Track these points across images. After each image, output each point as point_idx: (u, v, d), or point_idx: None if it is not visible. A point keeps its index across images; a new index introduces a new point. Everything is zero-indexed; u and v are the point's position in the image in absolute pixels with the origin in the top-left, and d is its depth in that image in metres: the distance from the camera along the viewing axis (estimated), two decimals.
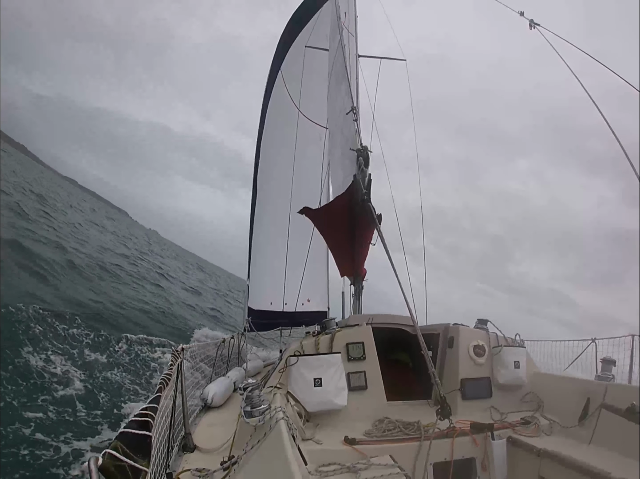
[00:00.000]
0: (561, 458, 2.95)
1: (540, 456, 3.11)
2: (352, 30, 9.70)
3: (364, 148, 4.21)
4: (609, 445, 3.15)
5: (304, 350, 3.91)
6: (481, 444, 3.32)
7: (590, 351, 4.96)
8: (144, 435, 1.68)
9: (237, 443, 2.99)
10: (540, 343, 5.68)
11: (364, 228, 4.56)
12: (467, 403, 4.15)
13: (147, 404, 1.96)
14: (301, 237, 7.65)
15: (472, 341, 4.41)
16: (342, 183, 4.66)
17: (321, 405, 3.59)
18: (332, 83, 5.83)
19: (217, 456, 2.88)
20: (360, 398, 3.81)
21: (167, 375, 2.74)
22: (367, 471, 2.63)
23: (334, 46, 5.94)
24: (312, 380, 3.59)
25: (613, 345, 4.77)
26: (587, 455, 2.95)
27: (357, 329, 4.16)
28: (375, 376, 3.94)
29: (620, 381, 4.29)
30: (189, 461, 3.04)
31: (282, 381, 3.70)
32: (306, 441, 3.14)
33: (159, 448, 2.46)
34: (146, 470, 1.51)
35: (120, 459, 1.41)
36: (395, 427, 3.46)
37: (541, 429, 3.63)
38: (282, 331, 9.07)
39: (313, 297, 9.35)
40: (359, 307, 6.93)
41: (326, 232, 5.29)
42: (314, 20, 9.60)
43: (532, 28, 4.35)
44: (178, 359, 3.33)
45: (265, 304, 9.08)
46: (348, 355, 3.93)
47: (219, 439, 3.28)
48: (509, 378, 4.30)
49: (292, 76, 9.53)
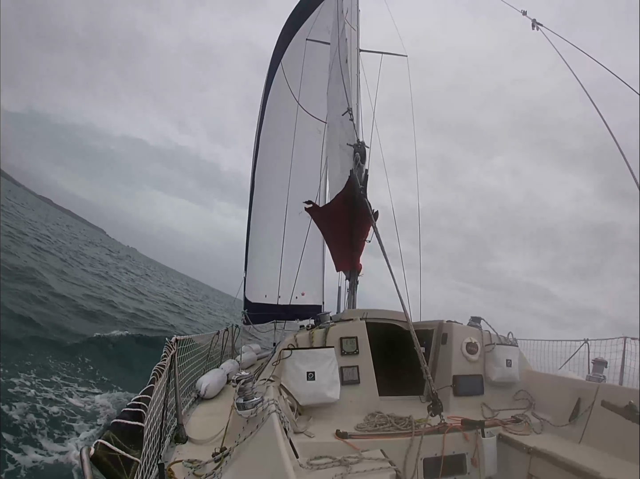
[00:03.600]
0: (551, 456, 2.98)
1: (530, 454, 3.14)
2: (354, 24, 9.64)
3: (360, 144, 4.19)
4: (599, 445, 3.18)
5: (297, 344, 3.92)
6: (472, 440, 3.35)
7: (583, 352, 5.01)
8: (137, 426, 1.68)
9: (230, 434, 3.00)
10: (532, 342, 5.72)
11: (361, 223, 4.56)
12: (459, 399, 4.17)
13: (140, 394, 1.96)
14: (298, 230, 7.65)
15: (465, 339, 4.44)
16: (339, 177, 4.66)
17: (314, 398, 3.61)
18: (333, 78, 5.80)
19: (209, 447, 2.89)
20: (352, 393, 3.83)
21: (161, 366, 2.73)
22: (358, 465, 2.64)
23: (335, 40, 5.90)
24: (305, 373, 3.61)
25: (605, 346, 4.83)
26: (576, 454, 2.98)
27: (351, 324, 4.17)
28: (368, 371, 3.96)
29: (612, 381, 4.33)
30: (181, 452, 3.05)
31: (276, 374, 3.71)
32: (298, 434, 3.15)
33: (152, 439, 2.46)
34: (138, 461, 1.51)
35: (113, 450, 1.40)
36: (387, 422, 3.48)
37: (532, 427, 3.66)
38: (276, 324, 9.10)
39: (308, 291, 9.36)
40: (354, 302, 6.94)
41: (324, 229, 5.28)
42: (316, 14, 9.53)
43: (534, 28, 4.29)
44: (172, 350, 3.33)
45: (260, 297, 9.09)
46: (341, 349, 3.94)
47: (211, 431, 3.29)
48: (501, 375, 4.33)
49: (293, 69, 9.47)
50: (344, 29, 5.47)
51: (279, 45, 9.75)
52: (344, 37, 5.23)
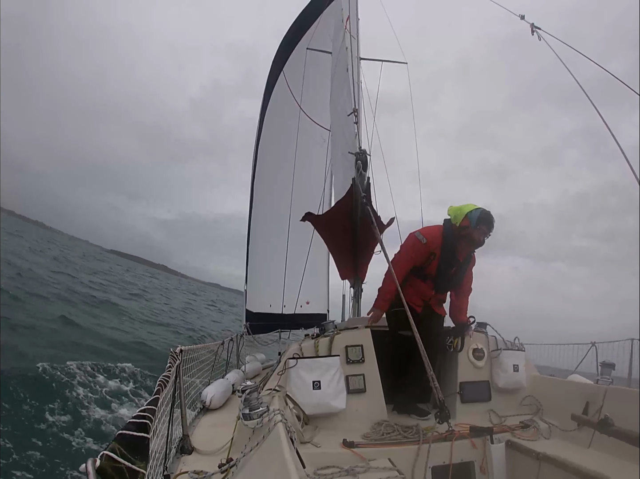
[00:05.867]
0: (560, 461, 2.95)
1: (539, 459, 3.10)
2: (354, 33, 9.70)
3: (362, 152, 4.22)
4: (608, 449, 3.14)
5: (302, 353, 3.90)
6: (480, 447, 3.32)
7: (590, 355, 4.98)
8: (142, 437, 1.67)
9: (235, 445, 2.98)
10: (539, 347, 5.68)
11: (365, 231, 4.56)
12: (466, 406, 4.14)
13: (146, 406, 1.96)
14: (301, 239, 7.65)
15: (472, 345, 4.41)
16: (343, 186, 4.66)
17: (320, 408, 3.58)
18: (335, 86, 5.84)
19: (215, 458, 2.88)
20: (359, 401, 3.80)
21: (166, 377, 2.73)
22: (365, 474, 2.62)
23: (336, 49, 5.95)
24: (311, 382, 3.58)
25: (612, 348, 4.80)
26: (586, 459, 2.95)
27: (356, 332, 4.16)
28: (374, 379, 3.94)
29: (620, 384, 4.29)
30: (186, 463, 3.03)
31: (281, 383, 3.70)
32: (304, 444, 3.13)
33: (157, 450, 2.45)
34: (144, 472, 1.51)
35: (118, 461, 1.40)
36: (394, 430, 3.45)
37: (540, 432, 3.62)
38: (281, 333, 9.06)
39: (313, 299, 9.33)
40: (359, 310, 6.92)
41: (327, 237, 5.29)
42: (317, 23, 9.60)
43: (534, 34, 4.29)
44: (176, 361, 3.33)
45: (264, 307, 9.06)
46: (347, 358, 3.92)
47: (217, 442, 3.27)
48: (508, 381, 4.29)
49: (295, 78, 9.50)
50: (344, 37, 5.51)
51: (279, 54, 9.80)
52: (345, 45, 5.26)
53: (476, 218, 4.07)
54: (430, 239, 4.23)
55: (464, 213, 4.15)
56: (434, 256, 4.24)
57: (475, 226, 4.07)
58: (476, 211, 4.11)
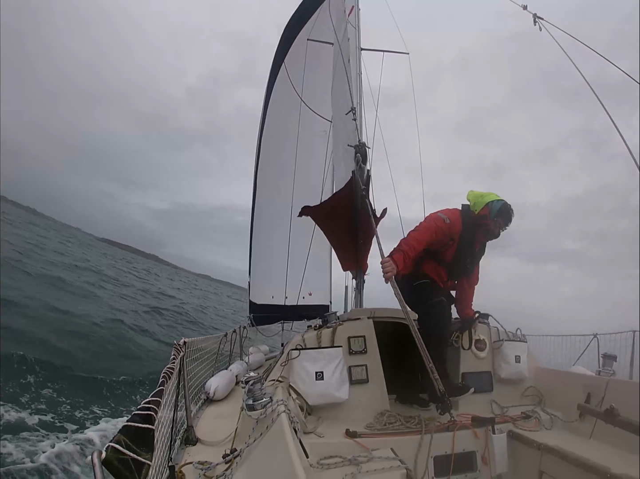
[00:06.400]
0: (562, 452, 2.97)
1: (540, 450, 3.12)
2: (355, 24, 9.61)
3: (361, 145, 4.19)
4: (610, 440, 3.16)
5: (305, 344, 3.92)
6: (482, 437, 3.34)
7: (592, 346, 4.98)
8: (147, 428, 1.69)
9: (239, 436, 3.01)
10: (541, 338, 5.69)
11: (366, 223, 4.55)
12: (468, 397, 4.17)
13: (150, 397, 1.98)
14: (303, 230, 7.64)
15: (473, 336, 4.42)
16: (344, 178, 4.65)
17: (323, 398, 3.60)
18: (336, 78, 5.80)
19: (219, 449, 2.91)
20: (361, 392, 3.82)
21: (170, 369, 2.75)
22: (368, 464, 2.65)
23: (337, 40, 5.90)
24: (313, 373, 3.60)
25: (614, 340, 4.80)
26: (587, 450, 2.96)
27: (359, 323, 4.17)
28: (376, 370, 3.96)
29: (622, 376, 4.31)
30: (191, 454, 3.07)
31: (284, 374, 3.72)
32: (308, 434, 3.15)
33: (162, 441, 2.48)
34: (149, 463, 1.53)
35: (124, 453, 1.41)
36: (396, 420, 3.47)
37: (542, 423, 3.64)
38: (283, 325, 9.11)
39: (315, 290, 9.35)
40: (361, 301, 6.93)
41: (327, 228, 5.28)
42: (317, 14, 9.51)
43: (536, 24, 4.24)
44: (180, 353, 3.36)
45: (267, 298, 9.09)
46: (349, 349, 3.94)
47: (221, 433, 3.30)
48: (510, 372, 4.31)
49: (297, 69, 9.44)
50: (346, 28, 5.45)
51: (281, 46, 9.73)
52: (347, 37, 5.21)
53: (497, 209, 4.01)
54: (453, 221, 4.14)
55: (484, 202, 4.08)
56: (453, 242, 4.17)
57: (494, 217, 4.03)
58: (498, 202, 4.04)
